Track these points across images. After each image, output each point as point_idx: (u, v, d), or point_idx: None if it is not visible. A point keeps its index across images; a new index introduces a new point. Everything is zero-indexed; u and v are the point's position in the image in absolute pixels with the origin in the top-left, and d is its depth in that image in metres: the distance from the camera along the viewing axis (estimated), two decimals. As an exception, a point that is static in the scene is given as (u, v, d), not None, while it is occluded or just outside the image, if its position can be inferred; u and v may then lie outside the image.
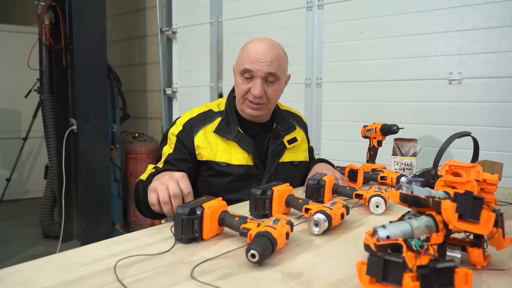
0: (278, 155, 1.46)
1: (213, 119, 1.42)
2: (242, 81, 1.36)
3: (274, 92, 1.38)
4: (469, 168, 1.06)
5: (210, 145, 1.37)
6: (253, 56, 1.32)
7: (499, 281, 0.67)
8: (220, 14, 3.21)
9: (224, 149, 1.38)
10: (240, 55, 1.39)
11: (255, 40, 1.38)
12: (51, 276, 0.66)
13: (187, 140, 1.37)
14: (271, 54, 1.32)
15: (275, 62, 1.33)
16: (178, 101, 3.62)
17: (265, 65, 1.31)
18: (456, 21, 2.17)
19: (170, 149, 1.38)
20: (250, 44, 1.36)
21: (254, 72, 1.32)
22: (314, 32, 2.68)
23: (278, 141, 1.45)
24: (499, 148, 2.06)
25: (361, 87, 2.52)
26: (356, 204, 1.17)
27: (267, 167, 1.43)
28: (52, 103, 3.32)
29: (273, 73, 1.33)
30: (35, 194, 4.76)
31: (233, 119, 1.41)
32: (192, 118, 1.41)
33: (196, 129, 1.38)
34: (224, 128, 1.39)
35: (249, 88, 1.34)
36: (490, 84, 2.09)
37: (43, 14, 3.13)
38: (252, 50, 1.33)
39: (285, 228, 0.79)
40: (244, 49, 1.38)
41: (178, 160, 1.36)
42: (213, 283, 0.64)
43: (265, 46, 1.33)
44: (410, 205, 0.74)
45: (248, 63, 1.32)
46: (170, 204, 0.97)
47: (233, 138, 1.37)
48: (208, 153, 1.37)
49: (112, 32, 4.20)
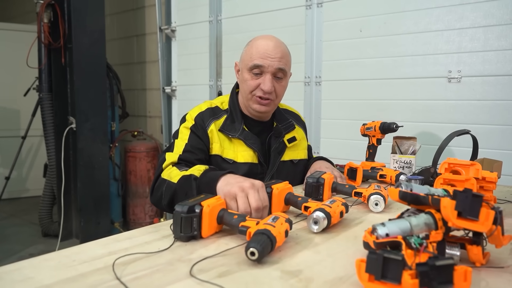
0: (280, 154, 1.47)
1: (219, 116, 1.42)
2: (250, 77, 1.36)
3: (282, 88, 1.40)
4: (468, 166, 1.05)
5: (220, 141, 1.38)
6: (263, 52, 1.33)
7: (498, 279, 0.67)
8: (219, 12, 3.20)
9: (229, 147, 1.38)
10: (247, 51, 1.39)
11: (262, 37, 1.39)
12: (50, 274, 0.65)
13: (201, 133, 1.36)
14: (280, 50, 1.34)
15: (284, 58, 1.35)
16: (177, 99, 3.61)
17: (275, 60, 1.33)
18: (455, 19, 2.17)
19: (184, 140, 1.35)
20: (258, 41, 1.37)
21: (264, 67, 1.33)
22: (314, 30, 2.68)
23: (279, 140, 1.46)
24: (498, 146, 2.06)
25: (360, 85, 2.52)
26: (355, 202, 1.17)
27: (270, 165, 1.43)
28: (51, 101, 3.32)
29: (282, 69, 1.35)
30: (34, 192, 4.75)
31: (238, 117, 1.42)
32: (202, 112, 1.41)
33: (208, 123, 1.38)
34: (229, 126, 1.39)
35: (258, 83, 1.35)
36: (489, 82, 2.09)
37: (42, 12, 3.13)
38: (262, 46, 1.34)
39: (284, 226, 0.79)
40: (251, 45, 1.38)
41: (197, 148, 1.33)
42: (212, 281, 0.64)
43: (273, 42, 1.35)
44: (409, 203, 0.74)
45: (259, 58, 1.33)
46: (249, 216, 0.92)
47: (239, 136, 1.38)
48: (218, 148, 1.37)
49: (111, 30, 4.19)
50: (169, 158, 1.29)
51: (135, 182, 3.70)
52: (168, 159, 1.29)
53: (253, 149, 1.38)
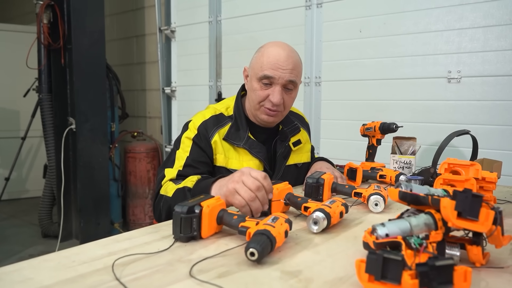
0: (285, 158, 1.45)
1: (224, 123, 1.37)
2: (260, 86, 1.31)
3: (291, 99, 1.36)
4: (468, 166, 1.05)
5: (224, 151, 1.34)
6: (274, 62, 1.27)
7: (498, 279, 0.67)
8: (219, 13, 3.20)
9: (235, 157, 1.35)
10: (257, 59, 1.32)
11: (274, 44, 1.32)
12: (49, 275, 0.65)
13: (205, 144, 1.32)
14: (292, 61, 1.28)
15: (296, 70, 1.30)
16: (177, 100, 3.61)
17: (286, 72, 1.27)
18: (455, 19, 2.17)
19: (186, 153, 1.31)
20: (270, 49, 1.30)
21: (274, 79, 1.28)
22: (313, 31, 2.68)
23: (285, 144, 1.44)
24: (498, 146, 2.06)
25: (360, 85, 2.52)
26: (355, 203, 1.17)
27: (275, 171, 1.41)
28: (50, 102, 3.32)
29: (293, 81, 1.30)
30: (34, 193, 4.75)
31: (243, 125, 1.37)
32: (206, 121, 1.35)
33: (212, 133, 1.33)
34: (234, 134, 1.35)
35: (268, 94, 1.30)
36: (489, 82, 2.09)
37: (42, 13, 3.13)
38: (273, 56, 1.27)
39: (284, 226, 0.79)
40: (262, 53, 1.31)
41: (199, 162, 1.29)
42: (212, 281, 0.63)
43: (285, 52, 1.28)
44: (409, 203, 0.74)
45: (269, 69, 1.27)
46: (257, 199, 0.94)
47: (243, 145, 1.34)
48: (222, 159, 1.33)
49: (110, 31, 4.19)
50: (168, 175, 1.26)
51: (135, 183, 3.70)
52: (167, 175, 1.26)
53: (259, 158, 1.36)
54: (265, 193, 0.96)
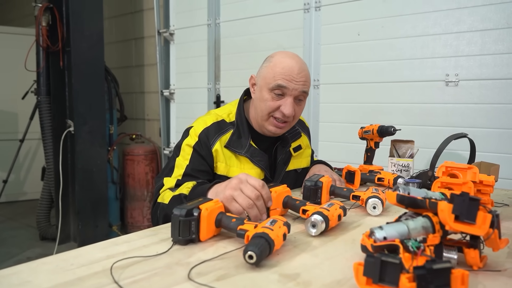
0: (285, 164, 1.44)
1: (226, 130, 1.34)
2: (271, 97, 1.28)
3: (301, 110, 1.35)
4: (466, 170, 1.06)
5: (225, 159, 1.32)
6: (288, 73, 1.25)
7: (495, 282, 0.67)
8: (217, 16, 3.21)
9: (236, 164, 1.34)
10: (268, 68, 1.29)
11: (284, 55, 1.30)
12: (47, 278, 0.65)
13: (206, 152, 1.30)
14: (304, 74, 1.27)
15: (308, 81, 1.29)
16: (176, 102, 3.62)
17: (300, 84, 1.26)
18: (452, 23, 2.18)
19: (185, 161, 1.28)
20: (281, 60, 1.28)
21: (288, 90, 1.26)
22: (312, 34, 2.69)
23: (285, 149, 1.43)
24: (495, 149, 2.07)
25: (358, 88, 2.53)
26: (353, 206, 1.18)
27: (275, 177, 1.41)
28: (49, 104, 3.32)
29: (306, 92, 1.29)
30: (32, 195, 4.74)
31: (245, 133, 1.35)
32: (207, 128, 1.33)
33: (213, 140, 1.31)
34: (235, 142, 1.33)
35: (279, 105, 1.28)
36: (486, 86, 2.10)
37: (40, 15, 3.13)
38: (288, 67, 1.25)
39: (282, 229, 0.79)
40: (273, 63, 1.28)
41: (198, 171, 1.27)
42: (210, 284, 0.64)
43: (299, 65, 1.27)
44: (407, 206, 0.75)
45: (283, 80, 1.25)
46: (255, 207, 0.93)
47: (245, 154, 1.32)
48: (223, 168, 1.32)
49: (109, 33, 4.20)
50: (167, 184, 1.24)
51: (133, 185, 3.70)
52: (166, 185, 1.24)
53: (260, 167, 1.35)
54: (263, 202, 0.95)
